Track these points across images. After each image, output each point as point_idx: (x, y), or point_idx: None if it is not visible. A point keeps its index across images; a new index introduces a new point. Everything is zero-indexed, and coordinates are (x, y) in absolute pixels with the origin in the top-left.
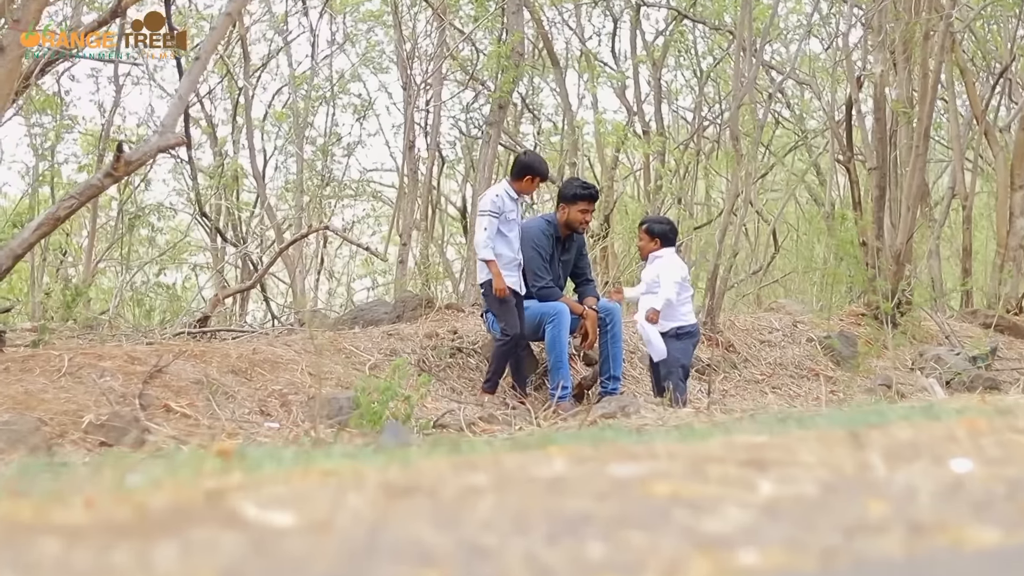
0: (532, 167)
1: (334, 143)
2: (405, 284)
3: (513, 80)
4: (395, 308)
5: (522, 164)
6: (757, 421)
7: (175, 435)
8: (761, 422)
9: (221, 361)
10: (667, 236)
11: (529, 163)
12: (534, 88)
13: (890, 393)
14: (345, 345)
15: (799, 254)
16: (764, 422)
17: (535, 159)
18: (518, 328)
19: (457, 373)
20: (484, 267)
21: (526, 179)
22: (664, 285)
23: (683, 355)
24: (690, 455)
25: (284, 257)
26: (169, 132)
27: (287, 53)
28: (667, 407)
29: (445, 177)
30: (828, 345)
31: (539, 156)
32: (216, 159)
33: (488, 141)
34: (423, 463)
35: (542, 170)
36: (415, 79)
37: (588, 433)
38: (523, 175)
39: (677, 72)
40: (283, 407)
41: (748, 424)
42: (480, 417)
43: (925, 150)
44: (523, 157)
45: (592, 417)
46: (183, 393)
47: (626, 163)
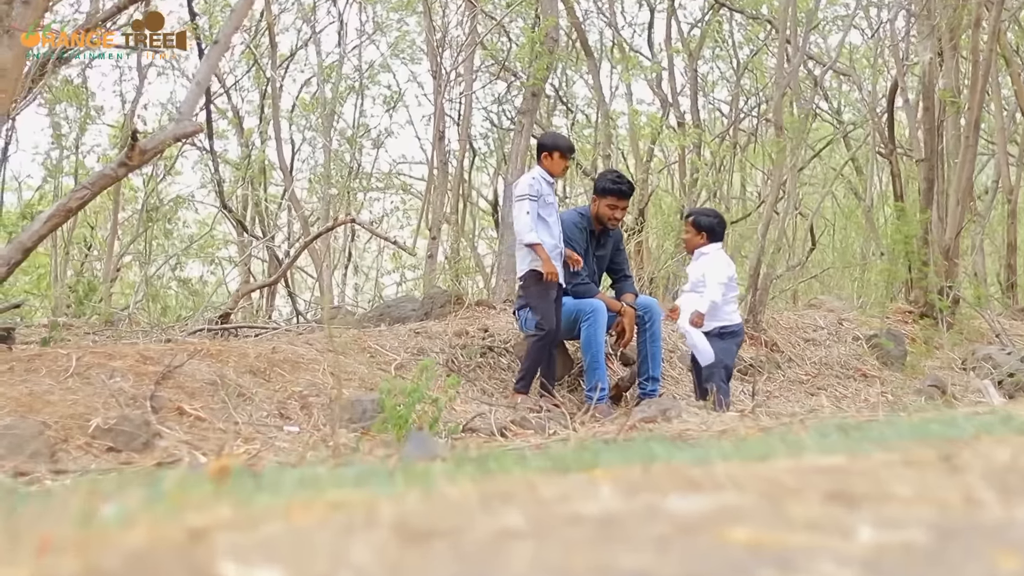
0: (544, 144)
1: (363, 135)
2: (434, 279)
3: (547, 67)
4: (423, 305)
5: (538, 144)
6: (823, 436)
7: (187, 440)
8: (826, 435)
9: (238, 361)
10: (714, 230)
11: (542, 141)
12: (567, 80)
13: (944, 396)
14: (370, 344)
15: (834, 249)
16: (827, 434)
17: (547, 135)
18: (554, 322)
19: (488, 374)
20: (525, 257)
21: (545, 157)
22: (709, 286)
23: (726, 355)
24: (760, 483)
25: (311, 251)
26: (186, 119)
27: (315, 43)
28: (710, 410)
29: (476, 170)
30: (876, 344)
31: (553, 132)
32: (243, 151)
33: (520, 131)
34: (446, 490)
35: (559, 143)
36: (445, 67)
37: (635, 449)
38: (540, 153)
39: (712, 64)
40: (303, 410)
41: (815, 439)
42: (512, 421)
43: (975, 141)
44: (538, 138)
45: (631, 421)
46: (197, 395)
47: (660, 157)
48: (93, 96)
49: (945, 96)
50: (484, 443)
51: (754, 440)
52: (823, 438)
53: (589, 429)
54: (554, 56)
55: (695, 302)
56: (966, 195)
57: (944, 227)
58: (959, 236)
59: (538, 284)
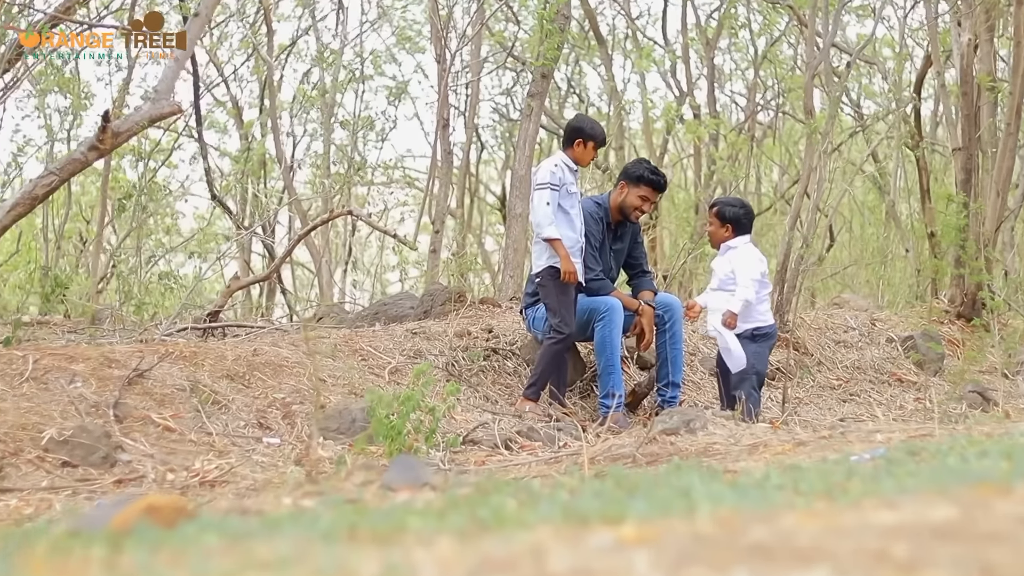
0: (581, 129)
1: (365, 126)
2: (437, 276)
3: (558, 47)
4: (422, 303)
5: (570, 127)
6: (896, 464)
7: (153, 453)
8: (897, 463)
9: (215, 364)
10: (741, 221)
11: (578, 125)
12: (579, 71)
13: (989, 404)
14: (362, 345)
15: (852, 246)
16: (898, 460)
17: (584, 119)
18: (573, 325)
19: (492, 378)
20: (542, 252)
21: (577, 144)
22: (742, 283)
23: (759, 360)
24: (860, 555)
25: (310, 247)
26: (163, 99)
27: (315, 31)
28: (738, 421)
29: (484, 164)
30: (912, 346)
31: (590, 118)
32: (243, 143)
33: (529, 115)
34: (419, 555)
35: (595, 132)
36: (450, 50)
37: (667, 485)
38: (573, 139)
39: (727, 56)
40: (285, 419)
41: (890, 471)
42: (518, 432)
43: (1017, 128)
44: (571, 120)
45: (651, 433)
46: (167, 402)
47: (673, 150)
48: (88, 85)
49: (984, 80)
50: (487, 457)
51: (812, 471)
52: (896, 467)
53: (604, 441)
54: (565, 35)
55: (725, 301)
56: (1006, 185)
57: (982, 221)
58: (999, 230)
59: (556, 282)
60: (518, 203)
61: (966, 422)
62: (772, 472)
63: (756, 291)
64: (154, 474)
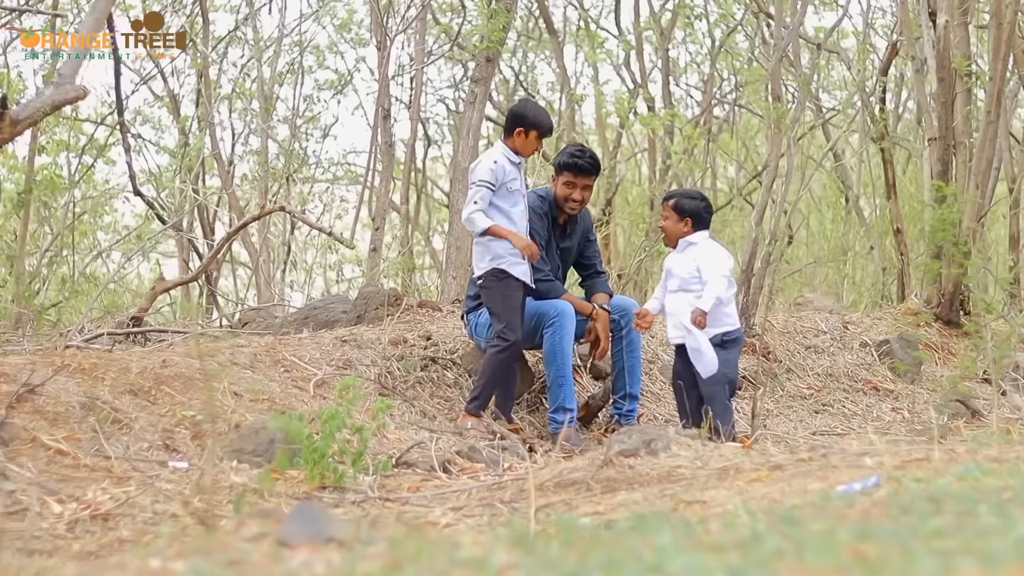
0: (523, 116)
1: (307, 121)
2: (378, 276)
3: (503, 28)
4: (355, 306)
5: (512, 113)
6: (931, 534)
7: (42, 481)
8: (905, 508)
9: (117, 377)
10: (700, 215)
11: (520, 111)
12: (527, 65)
13: (972, 415)
14: (286, 355)
15: (810, 243)
16: (906, 506)
17: (528, 105)
18: (520, 332)
19: (430, 391)
20: (483, 253)
21: (518, 133)
22: (711, 280)
23: (729, 368)
24: None
25: (247, 245)
26: (68, 83)
27: (253, 22)
28: (705, 440)
29: (432, 160)
30: (887, 352)
31: (535, 103)
32: (180, 138)
33: (473, 102)
34: None
35: (540, 120)
36: (390, 34)
37: (634, 553)
38: (513, 127)
39: (682, 48)
40: (195, 440)
41: (932, 543)
42: (458, 452)
43: (998, 116)
44: (514, 106)
45: (608, 454)
46: (61, 421)
47: (627, 144)
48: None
49: (961, 64)
50: (422, 482)
51: (812, 528)
52: (919, 522)
53: (554, 464)
54: (512, 15)
55: (688, 304)
56: (986, 177)
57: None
58: (980, 225)
59: (500, 285)
60: (460, 198)
61: (967, 443)
62: (760, 527)
63: (726, 288)
64: (40, 506)
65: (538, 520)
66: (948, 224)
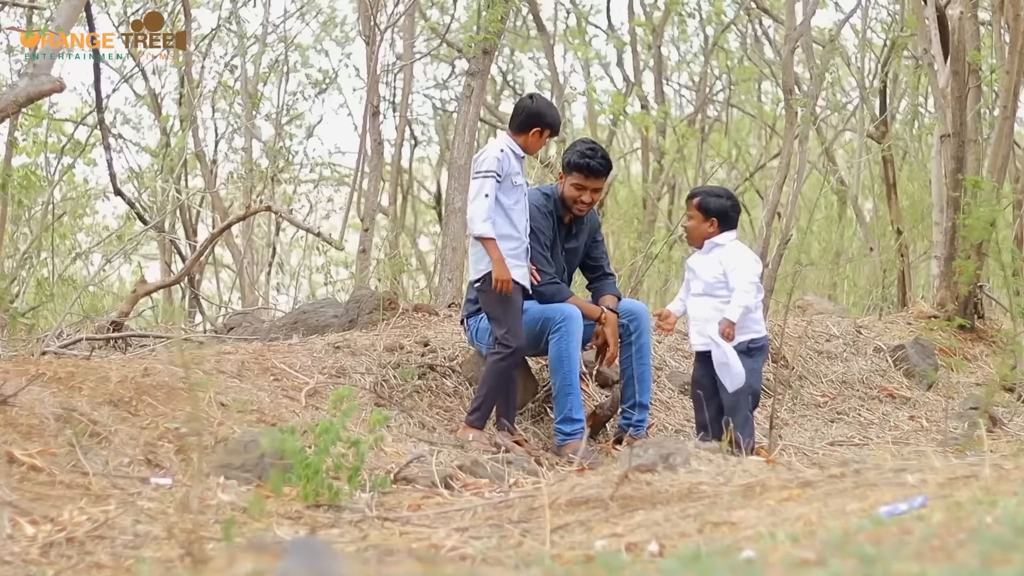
0: (541, 115)
1: (291, 120)
2: (367, 278)
3: (501, 18)
4: (347, 310)
5: (528, 111)
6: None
7: (13, 500)
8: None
9: (96, 387)
10: (728, 215)
11: (537, 110)
12: (515, 64)
13: (993, 425)
14: (275, 362)
15: (803, 245)
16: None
17: (543, 105)
18: (522, 338)
19: (428, 401)
20: (482, 255)
21: (533, 132)
22: (740, 287)
23: (754, 378)
24: None
25: (231, 247)
26: (43, 75)
27: (236, 19)
28: (726, 455)
29: (418, 161)
30: (902, 357)
31: (547, 100)
32: (162, 137)
33: (469, 96)
34: None
35: (555, 120)
36: (379, 27)
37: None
38: (529, 126)
39: (673, 47)
40: (179, 454)
41: None
42: (460, 466)
43: (1014, 111)
44: (528, 102)
45: (623, 470)
46: (35, 435)
47: (616, 145)
48: None
49: (976, 58)
50: (423, 500)
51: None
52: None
53: (564, 480)
54: (510, 5)
55: (715, 308)
56: (1002, 174)
57: None
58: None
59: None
60: (457, 196)
61: (1015, 458)
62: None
63: (754, 295)
64: (11, 528)
65: (553, 543)
66: (985, 223)
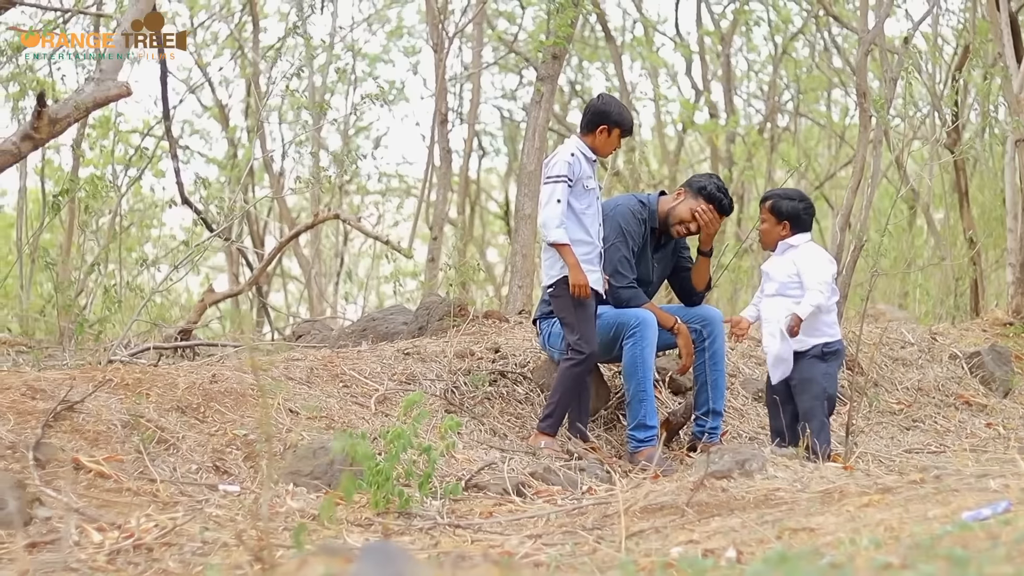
0: (607, 113)
1: (358, 132)
2: (436, 287)
3: (570, 23)
4: (417, 317)
5: (595, 110)
6: None
7: (81, 507)
8: None
9: (163, 394)
10: (800, 217)
11: (603, 108)
12: (583, 74)
13: None
14: (344, 369)
15: (871, 252)
16: None
17: (611, 101)
18: (595, 344)
19: (499, 408)
20: (556, 260)
21: (600, 131)
22: (813, 286)
23: (829, 383)
24: None
25: (299, 257)
26: (109, 80)
27: (304, 29)
28: (803, 461)
29: (486, 172)
30: (978, 364)
31: (616, 100)
32: (229, 148)
33: (539, 101)
34: None
35: (624, 118)
36: (447, 33)
37: None
38: (596, 125)
39: (740, 56)
40: (247, 461)
41: None
42: (532, 473)
43: None
44: (595, 101)
45: (699, 477)
46: (102, 441)
47: (684, 155)
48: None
49: None
50: (495, 507)
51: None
52: None
53: (637, 487)
54: (580, 9)
55: (786, 308)
56: None
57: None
58: None
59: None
60: (527, 202)
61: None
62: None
63: (827, 296)
64: (77, 534)
65: (629, 550)
66: None
